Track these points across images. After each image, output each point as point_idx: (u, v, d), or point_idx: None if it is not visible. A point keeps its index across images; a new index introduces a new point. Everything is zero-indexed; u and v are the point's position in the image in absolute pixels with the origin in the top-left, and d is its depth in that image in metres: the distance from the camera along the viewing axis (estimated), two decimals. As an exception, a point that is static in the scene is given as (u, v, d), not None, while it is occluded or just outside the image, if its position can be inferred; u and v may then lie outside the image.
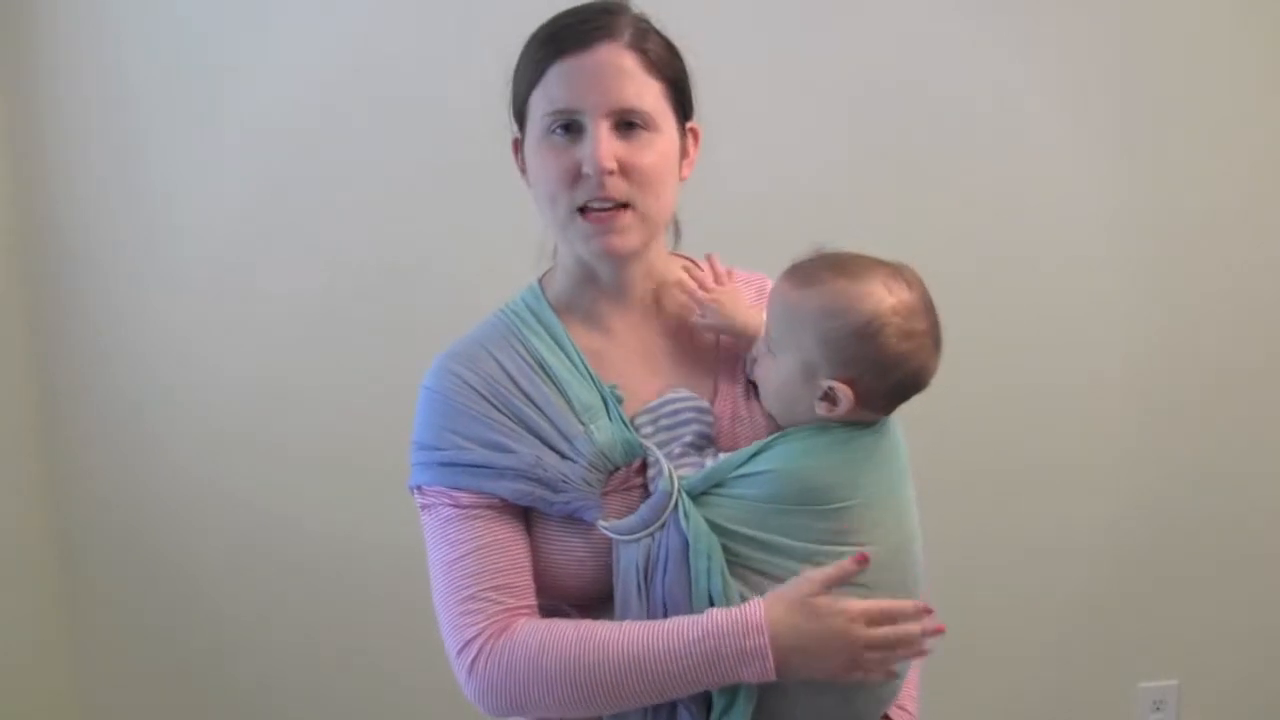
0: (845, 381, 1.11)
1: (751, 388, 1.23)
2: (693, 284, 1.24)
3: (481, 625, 1.11)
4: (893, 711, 1.21)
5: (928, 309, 1.14)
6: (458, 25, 2.19)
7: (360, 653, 2.36)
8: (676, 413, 1.17)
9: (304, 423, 2.30)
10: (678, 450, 1.15)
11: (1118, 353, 2.37)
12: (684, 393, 1.19)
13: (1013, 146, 2.32)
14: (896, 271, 1.14)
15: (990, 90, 2.30)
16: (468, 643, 1.11)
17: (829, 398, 1.11)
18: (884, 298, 1.10)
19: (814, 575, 1.08)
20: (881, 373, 1.11)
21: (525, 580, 1.14)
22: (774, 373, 1.15)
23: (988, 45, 2.29)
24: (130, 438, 2.32)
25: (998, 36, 2.29)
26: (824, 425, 1.14)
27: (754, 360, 1.21)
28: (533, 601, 1.14)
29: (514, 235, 1.30)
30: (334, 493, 2.29)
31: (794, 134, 2.28)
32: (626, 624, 1.09)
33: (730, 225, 2.08)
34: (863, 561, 1.09)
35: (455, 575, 1.13)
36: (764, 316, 1.21)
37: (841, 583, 1.09)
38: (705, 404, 1.19)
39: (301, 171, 2.26)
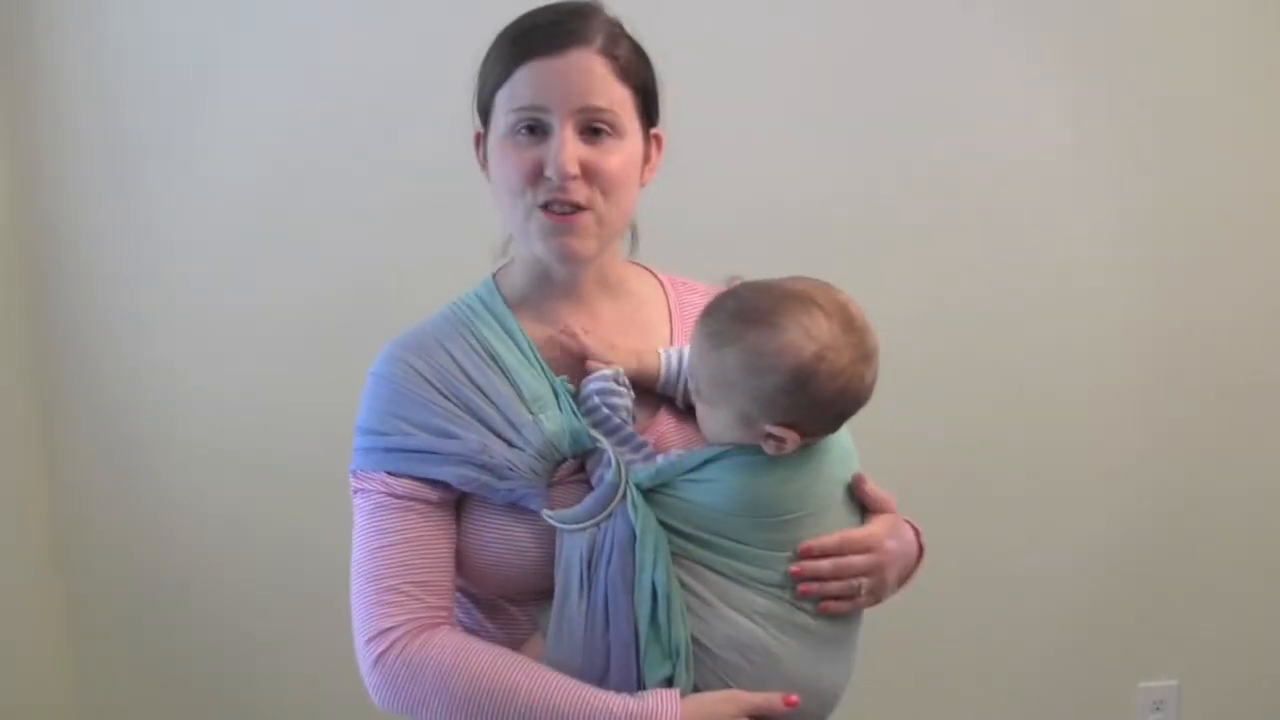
0: (785, 425, 1.09)
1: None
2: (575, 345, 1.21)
3: (399, 620, 1.11)
4: None
5: (848, 328, 1.10)
6: (454, 30, 2.18)
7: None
8: (588, 397, 1.17)
9: (298, 435, 2.30)
10: (615, 443, 1.15)
11: (1119, 356, 2.37)
12: (594, 379, 1.18)
13: (1012, 154, 2.31)
14: (809, 301, 1.09)
15: (988, 98, 2.30)
16: (382, 632, 1.12)
17: (773, 437, 1.10)
18: (804, 346, 1.07)
19: (740, 698, 1.09)
20: (819, 412, 1.10)
21: (446, 582, 1.15)
22: (712, 422, 1.14)
23: (985, 50, 2.29)
24: (125, 452, 2.33)
25: (995, 39, 2.29)
26: None
27: (692, 395, 1.18)
28: (451, 605, 1.16)
29: (491, 257, 1.31)
30: (328, 505, 2.28)
31: (780, 140, 2.28)
32: (544, 674, 1.08)
33: (715, 232, 2.10)
34: (792, 705, 1.09)
35: (379, 562, 1.14)
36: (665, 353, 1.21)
37: (766, 714, 1.09)
38: (612, 383, 1.17)
39: (297, 185, 2.27)
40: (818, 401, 1.09)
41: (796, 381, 1.07)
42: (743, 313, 1.10)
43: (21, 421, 2.29)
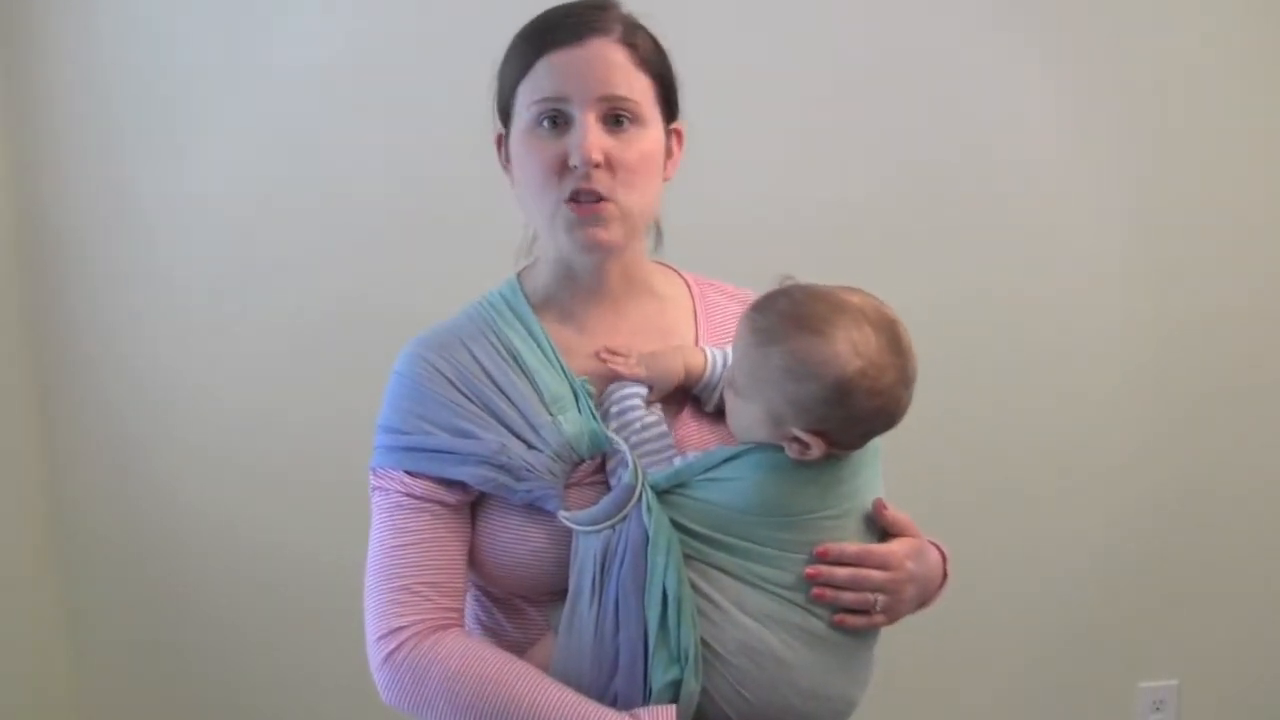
0: (814, 433, 1.09)
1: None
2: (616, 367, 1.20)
3: (411, 620, 1.12)
4: None
5: (895, 349, 1.09)
6: (454, 36, 2.18)
7: (358, 673, 2.36)
8: (622, 399, 1.17)
9: (297, 437, 2.30)
10: (634, 440, 1.14)
11: (1117, 357, 2.38)
12: (628, 386, 1.18)
13: (1012, 154, 2.32)
14: (860, 315, 1.09)
15: (991, 99, 2.30)
16: (393, 631, 1.12)
17: (799, 441, 1.09)
18: (849, 360, 1.06)
19: None
20: (851, 426, 1.10)
21: (459, 584, 1.16)
22: (742, 415, 1.13)
23: (988, 48, 2.30)
24: (124, 453, 2.32)
25: (998, 38, 2.30)
26: None
27: (724, 386, 1.17)
28: (462, 606, 1.17)
29: (514, 256, 1.30)
30: (325, 506, 2.28)
31: (789, 140, 2.27)
32: (546, 686, 1.09)
33: (721, 231, 2.09)
34: None
35: (394, 561, 1.14)
36: (709, 353, 1.21)
37: None
38: (643, 398, 1.17)
39: (296, 187, 2.26)
40: (853, 416, 1.09)
41: (836, 394, 1.07)
42: (794, 315, 1.10)
43: (21, 422, 2.28)
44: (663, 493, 1.12)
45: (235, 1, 2.23)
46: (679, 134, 1.24)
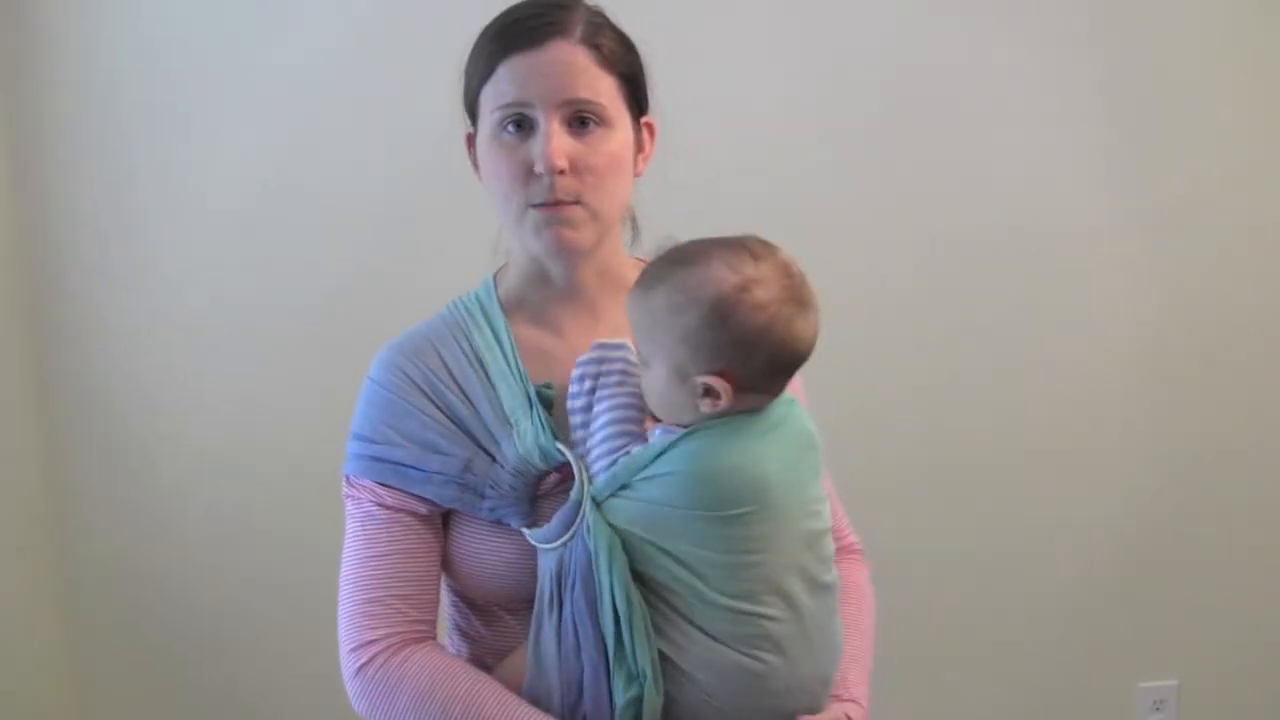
0: (718, 374, 1.05)
1: None
2: None
3: (382, 633, 1.12)
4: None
5: (781, 273, 1.06)
6: (453, 34, 2.18)
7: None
8: (602, 360, 1.13)
9: (294, 438, 2.30)
10: (609, 437, 1.10)
11: (1120, 360, 2.37)
12: (603, 343, 1.15)
13: (1002, 129, 2.31)
14: (740, 245, 1.07)
15: (976, 73, 2.30)
16: (365, 644, 1.12)
17: (709, 393, 1.06)
18: (725, 278, 1.04)
19: None
20: (748, 354, 1.06)
21: (430, 596, 1.16)
22: (652, 384, 1.10)
23: (969, 25, 2.29)
24: (123, 454, 2.33)
25: (979, 17, 2.29)
26: (722, 418, 1.08)
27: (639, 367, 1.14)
28: (433, 618, 1.16)
29: (490, 254, 1.29)
30: (323, 506, 2.27)
31: (768, 125, 2.27)
32: (515, 707, 1.08)
33: (701, 223, 2.09)
34: None
35: (366, 572, 1.14)
36: None
37: None
38: (624, 345, 1.14)
39: (290, 193, 2.27)
40: (743, 339, 1.05)
41: (717, 313, 1.04)
42: (672, 256, 1.09)
43: (20, 423, 2.29)
44: (610, 498, 1.08)
45: (235, 1, 2.23)
46: (650, 128, 1.22)
